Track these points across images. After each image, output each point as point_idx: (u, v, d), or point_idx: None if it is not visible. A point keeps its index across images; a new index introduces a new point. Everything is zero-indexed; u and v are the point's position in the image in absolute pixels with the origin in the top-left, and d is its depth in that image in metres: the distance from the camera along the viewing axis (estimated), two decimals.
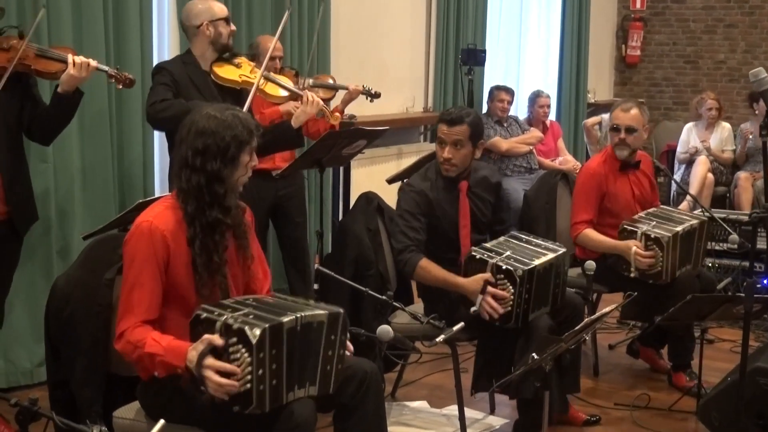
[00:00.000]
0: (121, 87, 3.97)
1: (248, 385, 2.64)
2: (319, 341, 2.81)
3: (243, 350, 2.64)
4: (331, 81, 5.51)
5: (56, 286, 3.14)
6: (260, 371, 2.64)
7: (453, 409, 4.26)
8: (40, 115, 3.87)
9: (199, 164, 2.90)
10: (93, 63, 3.79)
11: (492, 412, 4.44)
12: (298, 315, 2.75)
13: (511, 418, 4.22)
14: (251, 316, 2.71)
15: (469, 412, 4.23)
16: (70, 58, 3.74)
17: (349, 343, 2.96)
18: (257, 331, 2.63)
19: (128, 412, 3.02)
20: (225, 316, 2.70)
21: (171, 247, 2.88)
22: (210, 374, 2.66)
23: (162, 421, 2.42)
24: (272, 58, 4.81)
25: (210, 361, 2.67)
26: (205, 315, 2.75)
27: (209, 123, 2.91)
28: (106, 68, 3.90)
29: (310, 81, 5.24)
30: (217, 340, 2.67)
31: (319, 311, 2.83)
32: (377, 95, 5.53)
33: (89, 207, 4.74)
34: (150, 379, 2.89)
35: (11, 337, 4.47)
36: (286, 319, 2.70)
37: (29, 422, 2.49)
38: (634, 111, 4.81)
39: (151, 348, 2.80)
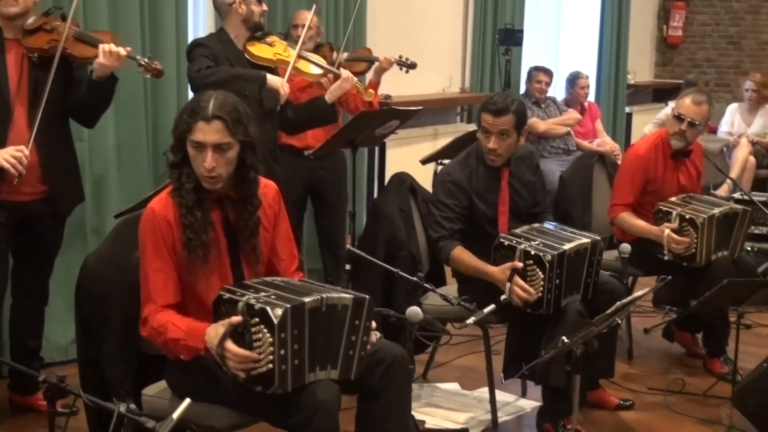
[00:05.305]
0: (149, 77, 3.95)
1: (270, 365, 2.65)
2: (343, 324, 2.80)
3: (265, 330, 2.65)
4: (366, 54, 5.45)
5: (86, 263, 3.14)
6: (282, 351, 2.64)
7: (484, 392, 4.25)
8: (80, 98, 3.89)
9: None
10: (124, 52, 3.78)
11: (523, 395, 4.42)
12: (323, 296, 2.75)
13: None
14: (273, 297, 2.72)
15: (500, 395, 4.22)
16: (101, 45, 3.75)
17: (374, 333, 2.93)
18: (279, 311, 2.63)
19: (156, 390, 3.03)
20: (247, 296, 2.72)
21: (175, 232, 2.88)
22: (229, 360, 2.68)
23: (188, 400, 2.44)
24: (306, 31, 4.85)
25: (229, 345, 2.68)
26: (227, 295, 2.76)
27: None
28: (137, 57, 3.88)
29: (345, 55, 5.20)
30: (235, 319, 2.68)
31: (345, 294, 2.82)
32: (413, 66, 5.31)
33: (124, 186, 4.77)
34: (176, 358, 2.91)
35: (47, 315, 4.49)
36: (308, 300, 2.71)
37: (57, 399, 2.52)
38: (704, 107, 4.70)
39: (173, 333, 2.82)
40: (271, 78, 4.24)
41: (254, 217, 2.98)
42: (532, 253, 3.75)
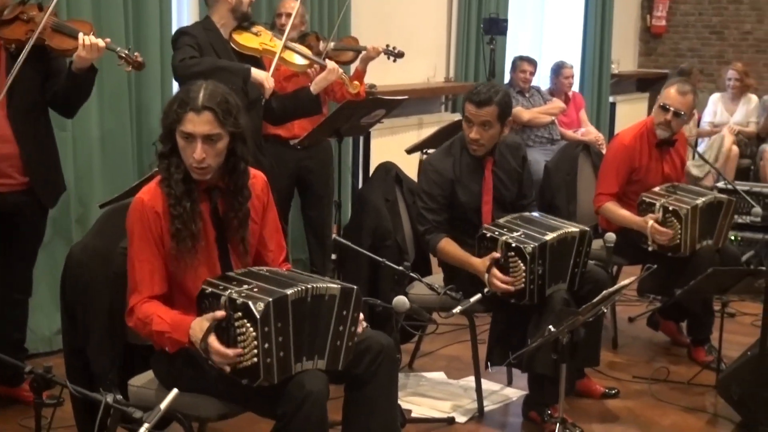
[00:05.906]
0: (129, 69, 3.90)
1: (255, 359, 2.64)
2: (330, 314, 2.80)
3: (248, 324, 2.64)
4: (353, 43, 5.43)
5: (72, 254, 3.13)
6: (266, 345, 2.64)
7: (470, 381, 4.26)
8: (59, 89, 3.86)
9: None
10: (102, 44, 3.73)
11: (509, 384, 4.43)
12: (309, 286, 2.75)
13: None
14: (256, 290, 2.72)
15: (486, 384, 4.24)
16: (80, 37, 3.71)
17: (362, 322, 2.93)
18: (261, 305, 2.63)
19: (143, 380, 3.03)
20: (229, 290, 2.71)
21: (163, 223, 2.87)
22: (212, 355, 2.69)
23: (175, 390, 2.44)
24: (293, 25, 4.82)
25: (212, 340, 2.69)
26: (210, 289, 2.76)
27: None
28: (117, 49, 3.83)
29: (332, 44, 5.18)
30: (219, 314, 2.68)
31: (333, 285, 2.82)
32: (400, 55, 5.28)
33: (108, 175, 4.75)
34: (163, 349, 2.89)
35: (32, 305, 4.47)
36: (290, 291, 2.70)
37: (43, 389, 2.51)
38: (689, 97, 4.72)
39: (158, 326, 2.82)
40: (255, 72, 4.21)
41: (244, 208, 2.96)
42: (513, 245, 3.74)
